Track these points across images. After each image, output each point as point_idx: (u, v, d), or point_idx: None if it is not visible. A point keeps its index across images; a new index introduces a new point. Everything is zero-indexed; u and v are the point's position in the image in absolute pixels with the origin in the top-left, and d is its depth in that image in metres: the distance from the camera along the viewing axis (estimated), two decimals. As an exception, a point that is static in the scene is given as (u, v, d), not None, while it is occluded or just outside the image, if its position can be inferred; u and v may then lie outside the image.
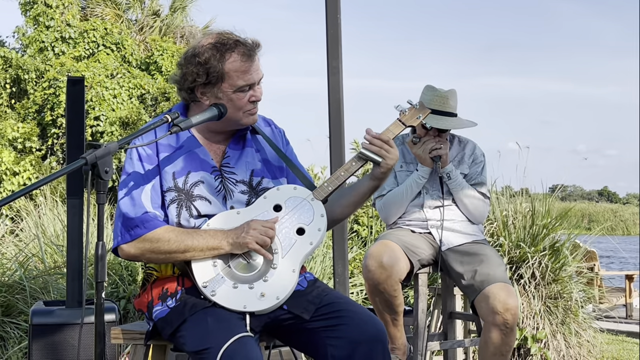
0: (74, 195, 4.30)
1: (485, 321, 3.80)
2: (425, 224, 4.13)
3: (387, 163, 2.76)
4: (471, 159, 4.23)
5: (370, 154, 2.76)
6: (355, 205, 2.88)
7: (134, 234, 2.62)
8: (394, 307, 3.94)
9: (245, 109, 2.72)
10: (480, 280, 3.84)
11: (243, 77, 2.67)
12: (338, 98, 4.75)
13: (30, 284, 5.64)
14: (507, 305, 3.72)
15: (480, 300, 3.81)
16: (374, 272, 3.87)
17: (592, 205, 44.88)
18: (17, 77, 17.93)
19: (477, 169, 4.22)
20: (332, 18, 4.77)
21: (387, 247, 3.93)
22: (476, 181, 4.19)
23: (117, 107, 16.92)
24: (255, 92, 2.72)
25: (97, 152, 2.32)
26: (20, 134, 16.69)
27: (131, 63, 19.22)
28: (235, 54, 2.67)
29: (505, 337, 3.75)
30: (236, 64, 2.66)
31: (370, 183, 2.81)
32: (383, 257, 3.87)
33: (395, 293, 3.89)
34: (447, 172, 4.08)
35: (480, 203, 4.13)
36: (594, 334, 6.22)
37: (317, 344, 2.59)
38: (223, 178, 2.74)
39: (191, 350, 2.49)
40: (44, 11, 19.16)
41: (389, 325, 3.96)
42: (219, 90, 2.68)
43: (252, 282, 2.59)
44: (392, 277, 3.86)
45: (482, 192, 4.16)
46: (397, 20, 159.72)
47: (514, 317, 3.73)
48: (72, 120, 4.32)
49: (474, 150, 4.26)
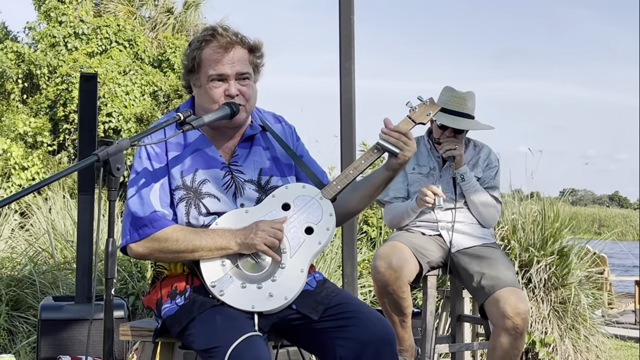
0: (85, 191, 4.31)
1: (495, 325, 3.79)
2: (436, 225, 4.13)
3: (404, 154, 2.74)
4: (485, 163, 4.22)
5: (388, 145, 2.74)
6: (370, 197, 2.86)
7: (143, 233, 2.62)
8: (402, 308, 3.93)
9: (221, 102, 2.69)
10: (490, 284, 3.83)
11: (214, 66, 2.68)
12: (350, 98, 4.74)
13: (39, 279, 5.66)
14: (517, 310, 3.70)
15: (490, 304, 3.80)
16: (383, 274, 3.87)
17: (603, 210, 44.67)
18: (30, 72, 17.99)
19: (490, 173, 4.21)
20: (346, 19, 4.76)
21: (396, 248, 3.92)
22: (489, 185, 4.18)
23: (130, 103, 16.96)
24: (230, 87, 2.69)
25: (109, 149, 2.32)
26: (32, 128, 16.74)
27: (144, 60, 19.27)
28: (212, 43, 2.69)
29: (515, 342, 3.74)
30: (209, 53, 2.69)
31: (385, 174, 2.79)
32: (392, 259, 3.86)
33: (403, 295, 3.89)
34: (461, 173, 4.08)
35: (491, 207, 4.13)
36: (603, 339, 6.20)
37: (325, 345, 2.59)
38: (232, 175, 2.74)
39: (200, 348, 2.49)
40: (56, 7, 19.21)
41: (397, 326, 3.96)
42: (197, 79, 2.73)
43: (260, 282, 2.58)
44: (401, 279, 3.86)
45: (494, 195, 4.15)
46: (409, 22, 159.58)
47: (524, 322, 3.71)
48: (85, 116, 4.34)
49: (488, 155, 4.25)
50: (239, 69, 2.70)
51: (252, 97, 2.75)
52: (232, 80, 2.69)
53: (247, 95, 2.72)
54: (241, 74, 2.71)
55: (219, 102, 2.69)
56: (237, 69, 2.70)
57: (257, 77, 2.81)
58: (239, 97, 2.70)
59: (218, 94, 2.69)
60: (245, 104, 2.72)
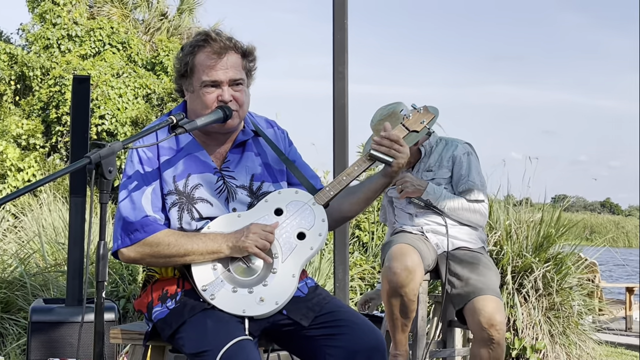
0: (77, 194, 4.30)
1: (473, 334, 3.79)
2: (420, 228, 4.10)
3: (398, 162, 2.75)
4: (450, 161, 4.10)
5: (380, 155, 2.74)
6: (366, 201, 2.85)
7: (134, 238, 2.62)
8: (409, 312, 3.88)
9: (213, 108, 2.68)
10: (467, 291, 3.81)
11: (208, 72, 2.66)
12: (343, 104, 4.76)
13: (30, 281, 5.65)
14: (492, 321, 3.68)
15: (467, 313, 3.79)
16: (399, 275, 3.79)
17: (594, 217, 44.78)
18: (22, 74, 17.96)
19: (460, 171, 4.07)
20: (339, 24, 4.77)
21: (409, 251, 3.85)
22: (464, 187, 4.05)
23: (123, 106, 16.94)
24: (224, 93, 2.68)
25: (101, 151, 2.32)
26: (24, 130, 16.71)
27: (137, 63, 19.25)
28: (206, 49, 2.67)
29: (493, 352, 3.71)
30: (202, 59, 2.67)
31: (382, 180, 2.80)
32: (407, 261, 3.80)
33: (414, 298, 3.84)
34: (425, 199, 4.03)
35: (469, 211, 4.04)
36: (594, 345, 6.21)
37: (315, 352, 2.58)
38: (224, 179, 2.73)
39: (190, 352, 2.49)
40: (51, 9, 19.19)
41: (398, 330, 3.91)
42: (190, 84, 2.71)
43: (251, 287, 2.58)
44: (415, 281, 3.80)
45: (471, 199, 4.04)
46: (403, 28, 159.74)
47: (499, 333, 3.68)
48: (77, 118, 4.33)
49: (453, 152, 4.10)
50: (233, 75, 2.69)
51: (246, 102, 2.75)
52: (226, 86, 2.68)
53: (240, 100, 2.71)
54: (235, 80, 2.70)
55: (212, 107, 2.67)
56: (231, 75, 2.69)
57: (250, 81, 2.80)
58: (232, 102, 2.69)
59: (211, 100, 2.68)
60: (238, 109, 2.71)
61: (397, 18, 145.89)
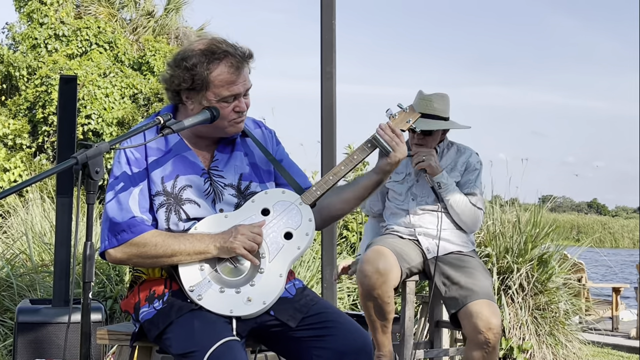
0: (63, 194, 4.28)
1: (468, 338, 3.80)
2: (412, 230, 4.12)
3: (395, 155, 2.77)
4: (464, 166, 4.18)
5: (382, 142, 2.77)
6: (357, 200, 2.85)
7: (121, 239, 2.61)
8: (386, 313, 3.91)
9: (230, 119, 2.69)
10: (463, 295, 3.83)
11: (229, 88, 2.64)
12: (331, 104, 4.76)
13: (17, 282, 5.62)
14: (489, 325, 3.70)
15: (463, 317, 3.80)
16: (370, 277, 3.83)
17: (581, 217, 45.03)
18: (8, 73, 17.87)
19: (469, 177, 4.16)
20: (327, 24, 4.78)
21: (382, 253, 3.89)
22: (468, 191, 4.13)
23: (109, 106, 16.88)
24: (240, 103, 2.68)
25: (88, 152, 2.31)
26: (11, 130, 16.62)
27: (124, 62, 19.18)
28: (223, 64, 2.63)
29: (488, 355, 3.73)
30: (223, 75, 2.63)
31: (374, 177, 2.80)
32: (379, 263, 3.84)
33: (388, 300, 3.87)
34: (437, 181, 4.06)
35: (470, 210, 4.10)
36: (580, 345, 6.24)
37: (302, 353, 2.59)
38: (212, 181, 2.73)
39: (177, 352, 2.48)
40: (38, 8, 19.11)
41: (378, 332, 3.94)
42: (203, 98, 2.65)
43: (238, 287, 2.58)
44: (387, 284, 3.83)
45: (473, 202, 4.11)
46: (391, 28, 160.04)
47: (496, 337, 3.70)
48: (64, 118, 4.31)
49: (468, 159, 4.20)
50: (248, 85, 2.71)
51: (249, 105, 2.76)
52: (243, 97, 2.70)
53: (248, 106, 2.74)
54: (247, 89, 2.72)
55: (229, 118, 2.68)
56: (247, 86, 2.71)
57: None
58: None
59: (228, 112, 2.68)
60: (245, 115, 2.74)
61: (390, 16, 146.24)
